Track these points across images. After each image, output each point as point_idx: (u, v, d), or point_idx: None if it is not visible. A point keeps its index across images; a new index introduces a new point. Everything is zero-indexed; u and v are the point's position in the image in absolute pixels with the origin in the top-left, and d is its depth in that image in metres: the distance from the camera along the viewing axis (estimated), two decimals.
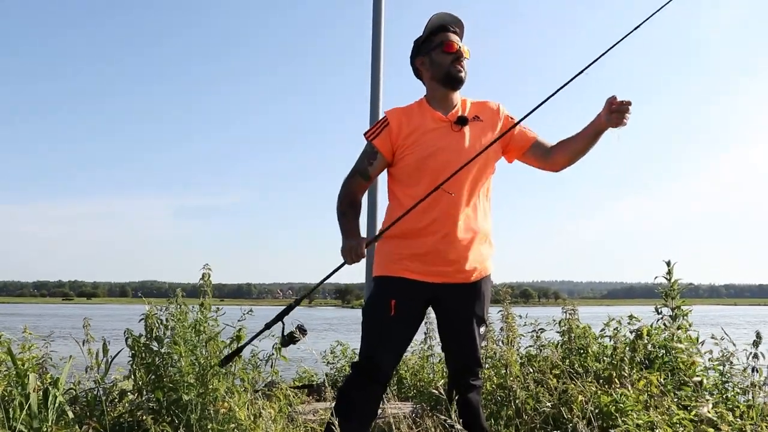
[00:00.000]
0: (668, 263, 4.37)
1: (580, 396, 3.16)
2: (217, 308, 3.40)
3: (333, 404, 2.41)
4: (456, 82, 2.42)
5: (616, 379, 3.44)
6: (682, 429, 2.97)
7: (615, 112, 2.20)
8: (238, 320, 3.42)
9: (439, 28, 2.43)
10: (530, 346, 4.47)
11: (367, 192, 5.04)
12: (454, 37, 2.42)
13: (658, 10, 2.34)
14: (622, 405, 3.05)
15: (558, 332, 4.31)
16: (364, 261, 3.18)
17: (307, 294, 2.56)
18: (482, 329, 2.48)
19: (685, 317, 4.26)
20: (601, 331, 4.52)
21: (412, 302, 2.36)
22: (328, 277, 2.34)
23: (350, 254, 2.29)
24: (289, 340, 2.32)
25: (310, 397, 5.57)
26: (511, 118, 2.50)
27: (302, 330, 2.35)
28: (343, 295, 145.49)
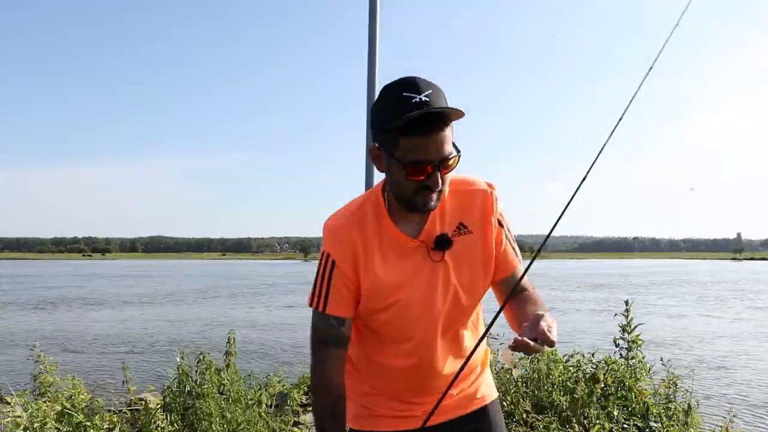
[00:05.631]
0: (626, 302, 4.71)
1: None
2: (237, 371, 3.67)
3: None
4: (421, 213, 1.46)
5: (575, 423, 3.77)
6: None
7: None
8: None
9: (409, 129, 1.30)
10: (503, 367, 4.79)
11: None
12: (427, 149, 1.32)
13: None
14: None
15: (526, 368, 4.63)
16: None
17: None
18: None
19: (639, 348, 4.64)
20: (564, 358, 4.88)
21: None
22: None
23: None
24: None
25: None
26: (500, 223, 1.53)
27: None
28: None
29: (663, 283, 35.40)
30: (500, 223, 1.53)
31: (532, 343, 1.23)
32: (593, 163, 1.42)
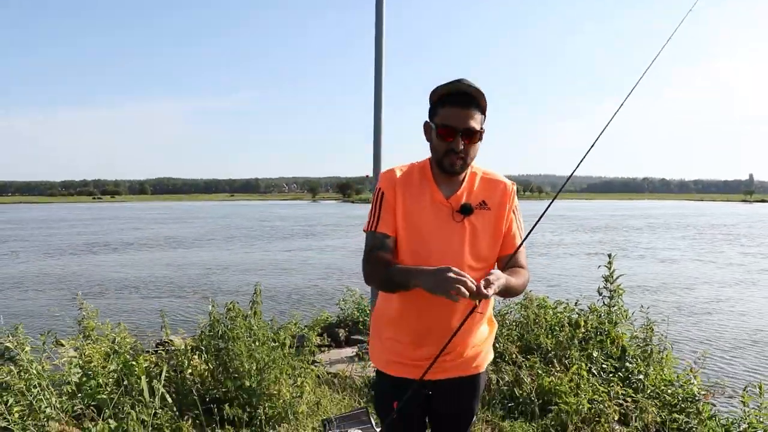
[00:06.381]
0: (609, 255, 5.19)
1: (528, 379, 4.07)
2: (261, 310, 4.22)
3: None
4: (448, 174, 1.89)
5: (556, 363, 4.32)
6: (600, 401, 3.89)
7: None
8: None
9: (447, 99, 1.81)
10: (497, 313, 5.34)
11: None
12: (456, 117, 1.79)
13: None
14: (557, 388, 3.95)
15: (519, 313, 5.18)
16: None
17: None
18: (473, 419, 2.13)
19: (620, 297, 5.16)
20: (554, 302, 5.43)
21: (412, 403, 1.94)
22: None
23: (447, 283, 1.55)
24: None
25: (329, 341, 6.52)
26: (514, 213, 1.96)
27: None
28: (343, 189, 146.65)
29: (660, 227, 36.00)
30: (514, 213, 1.96)
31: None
32: (611, 119, 1.90)
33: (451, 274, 1.57)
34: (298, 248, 22.99)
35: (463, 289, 1.53)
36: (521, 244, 1.89)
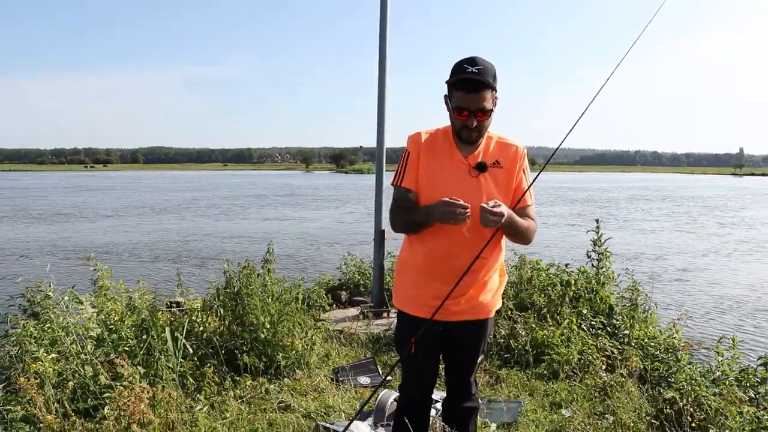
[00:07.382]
0: (597, 220, 5.50)
1: (522, 332, 4.38)
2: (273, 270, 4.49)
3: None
4: (467, 144, 2.18)
5: (549, 318, 4.64)
6: (589, 352, 4.22)
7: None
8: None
9: (459, 85, 2.06)
10: None
11: (374, 192, 5.89)
12: (468, 101, 2.05)
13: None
14: (550, 340, 4.27)
15: (514, 274, 5.48)
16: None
17: None
18: (480, 358, 2.40)
19: (607, 259, 5.47)
20: (547, 265, 5.74)
21: (427, 340, 2.22)
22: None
23: (451, 214, 1.94)
24: None
25: (332, 302, 6.83)
26: (524, 172, 2.23)
27: None
28: (337, 159, 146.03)
29: (639, 198, 36.50)
30: (524, 172, 2.23)
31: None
32: (598, 92, 2.18)
33: (446, 206, 1.94)
34: (298, 217, 23.25)
35: (460, 210, 1.92)
36: (524, 193, 2.19)
